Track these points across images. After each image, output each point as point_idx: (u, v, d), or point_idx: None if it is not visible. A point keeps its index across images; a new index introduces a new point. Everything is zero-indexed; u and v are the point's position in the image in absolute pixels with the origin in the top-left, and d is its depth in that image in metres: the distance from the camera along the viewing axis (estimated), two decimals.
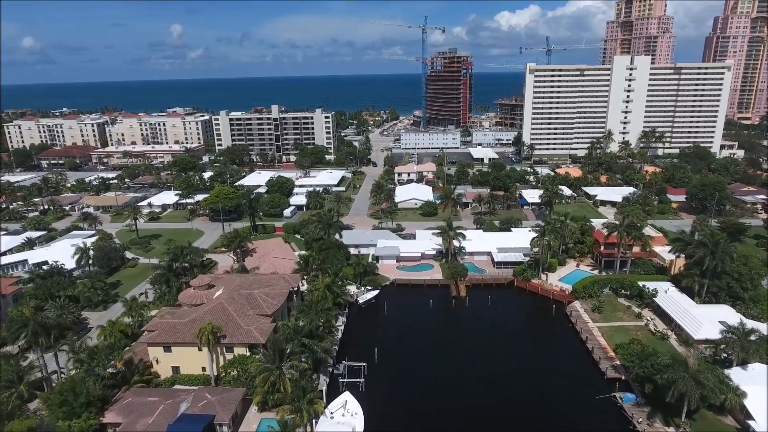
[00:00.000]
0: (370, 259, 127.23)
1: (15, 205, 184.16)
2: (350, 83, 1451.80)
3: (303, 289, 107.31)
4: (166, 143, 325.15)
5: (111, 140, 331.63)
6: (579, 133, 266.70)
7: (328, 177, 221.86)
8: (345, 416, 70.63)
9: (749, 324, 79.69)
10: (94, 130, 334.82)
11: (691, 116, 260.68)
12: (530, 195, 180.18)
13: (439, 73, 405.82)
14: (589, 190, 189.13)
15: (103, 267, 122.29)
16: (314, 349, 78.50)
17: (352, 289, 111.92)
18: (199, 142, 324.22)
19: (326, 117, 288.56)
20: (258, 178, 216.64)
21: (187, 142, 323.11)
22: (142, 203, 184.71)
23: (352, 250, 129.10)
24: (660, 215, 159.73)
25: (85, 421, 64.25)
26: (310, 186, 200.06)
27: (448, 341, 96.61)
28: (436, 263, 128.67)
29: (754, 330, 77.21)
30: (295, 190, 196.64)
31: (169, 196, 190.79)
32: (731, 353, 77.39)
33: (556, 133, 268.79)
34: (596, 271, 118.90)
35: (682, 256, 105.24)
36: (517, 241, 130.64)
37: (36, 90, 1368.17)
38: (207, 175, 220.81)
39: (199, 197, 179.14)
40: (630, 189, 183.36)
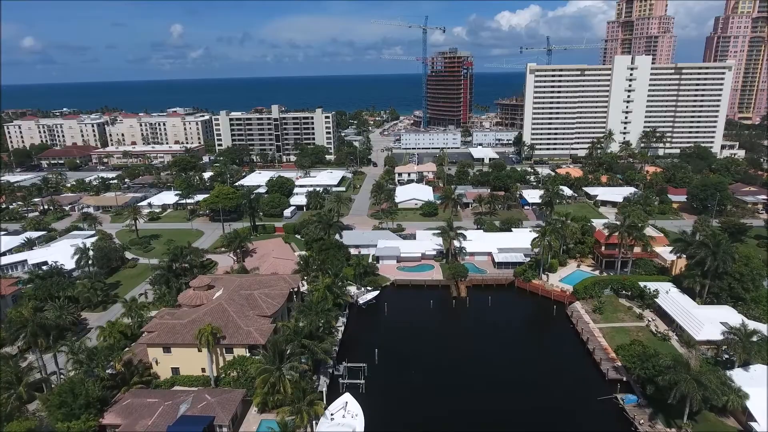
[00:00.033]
0: (371, 259, 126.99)
1: (15, 205, 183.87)
2: (351, 83, 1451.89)
3: (303, 290, 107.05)
4: (166, 143, 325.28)
5: (111, 140, 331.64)
6: (579, 133, 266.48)
7: (328, 177, 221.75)
8: (345, 417, 70.40)
9: (751, 325, 79.34)
10: (94, 130, 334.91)
11: (692, 116, 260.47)
12: (531, 195, 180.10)
13: (440, 73, 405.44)
14: (590, 191, 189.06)
15: (103, 267, 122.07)
16: (314, 350, 78.20)
17: (352, 290, 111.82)
18: (200, 142, 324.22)
19: (326, 117, 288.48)
20: (258, 179, 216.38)
21: (187, 142, 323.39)
22: (142, 203, 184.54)
23: (353, 251, 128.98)
24: (661, 215, 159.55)
25: (85, 422, 64.00)
26: (311, 186, 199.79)
27: (448, 342, 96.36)
28: (437, 264, 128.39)
29: (756, 331, 76.86)
30: (295, 190, 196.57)
31: (169, 197, 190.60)
32: (733, 354, 77.04)
33: (556, 133, 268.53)
34: (597, 272, 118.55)
35: (683, 256, 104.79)
36: (517, 242, 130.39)
37: (36, 90, 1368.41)
38: (207, 175, 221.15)
39: (199, 197, 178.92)
40: (631, 189, 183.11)
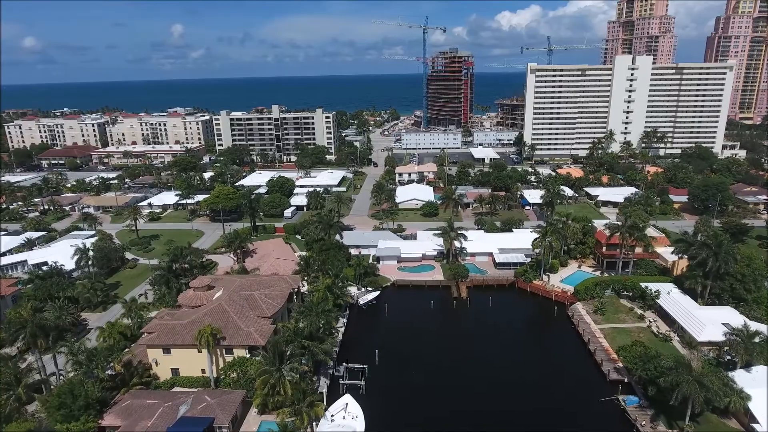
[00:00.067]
0: (371, 259, 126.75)
1: (15, 205, 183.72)
2: (351, 83, 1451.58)
3: (303, 290, 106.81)
4: (167, 143, 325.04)
5: (111, 140, 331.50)
6: (580, 133, 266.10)
7: (328, 177, 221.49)
8: (345, 419, 70.18)
9: (753, 326, 79.00)
10: (94, 130, 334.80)
11: (693, 116, 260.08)
12: (531, 195, 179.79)
13: (440, 73, 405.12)
14: (591, 191, 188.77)
15: (103, 268, 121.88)
16: (314, 351, 77.93)
17: (352, 291, 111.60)
18: (200, 143, 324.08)
19: (327, 117, 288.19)
20: (258, 179, 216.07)
21: (187, 143, 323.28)
22: (142, 203, 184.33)
23: (353, 251, 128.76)
24: (662, 216, 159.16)
25: (84, 423, 63.77)
26: (311, 186, 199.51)
27: (449, 343, 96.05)
28: (437, 264, 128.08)
29: (758, 332, 76.64)
30: (296, 190, 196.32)
31: (170, 197, 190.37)
32: (735, 355, 76.76)
33: (557, 133, 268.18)
34: (598, 272, 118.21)
35: (684, 257, 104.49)
36: (518, 242, 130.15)
37: (37, 90, 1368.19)
38: (207, 175, 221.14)
39: (200, 197, 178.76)
40: (632, 189, 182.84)
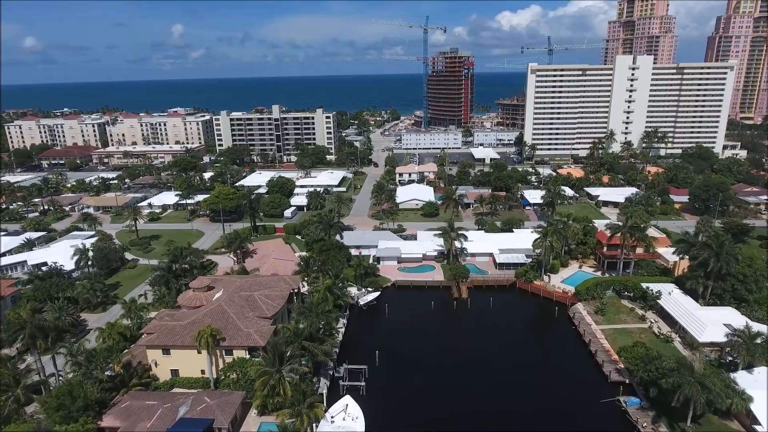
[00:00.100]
0: (371, 260, 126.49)
1: (15, 205, 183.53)
2: (351, 83, 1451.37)
3: (303, 291, 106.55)
4: (167, 143, 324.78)
5: (111, 140, 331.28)
6: (581, 133, 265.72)
7: (328, 177, 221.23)
8: (346, 420, 69.93)
9: (755, 327, 78.66)
10: (94, 130, 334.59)
11: (694, 116, 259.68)
12: (532, 195, 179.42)
13: (441, 73, 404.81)
14: (592, 191, 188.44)
15: (103, 268, 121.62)
16: (314, 352, 77.66)
17: (353, 291, 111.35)
18: (200, 143, 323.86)
19: (327, 117, 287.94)
20: (258, 179, 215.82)
21: (187, 143, 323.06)
22: (142, 204, 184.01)
23: (353, 251, 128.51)
24: (663, 216, 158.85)
25: (83, 425, 63.47)
26: (311, 186, 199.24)
27: (449, 344, 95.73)
28: (438, 264, 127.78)
29: (759, 333, 76.34)
30: (296, 190, 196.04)
31: (170, 197, 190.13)
32: (737, 356, 76.42)
33: (557, 133, 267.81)
34: (599, 273, 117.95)
35: (686, 257, 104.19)
36: (519, 242, 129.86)
37: (37, 90, 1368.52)
38: (207, 175, 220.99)
39: (200, 198, 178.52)
40: (632, 189, 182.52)
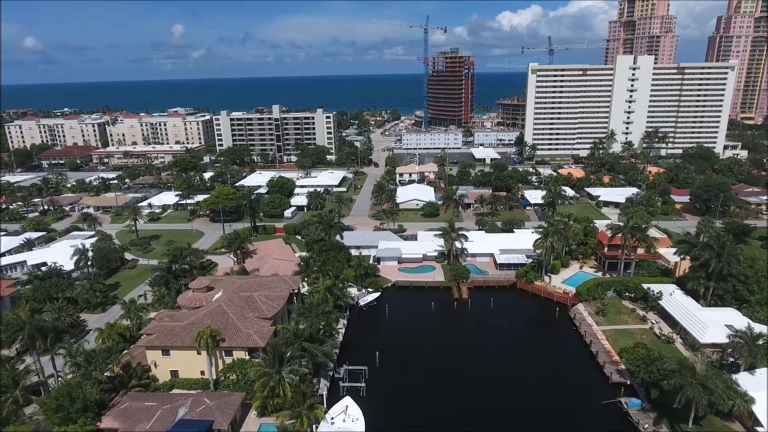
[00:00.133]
0: (372, 260, 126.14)
1: (15, 205, 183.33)
2: (352, 83, 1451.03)
3: (303, 292, 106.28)
4: (167, 143, 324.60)
5: (112, 140, 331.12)
6: (581, 133, 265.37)
7: (329, 177, 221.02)
8: (346, 422, 69.65)
9: (756, 328, 78.35)
10: (94, 130, 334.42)
11: (695, 116, 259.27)
12: (533, 196, 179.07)
13: (441, 73, 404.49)
14: (592, 191, 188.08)
15: (102, 268, 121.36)
16: (314, 353, 77.39)
17: (353, 292, 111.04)
18: (200, 143, 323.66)
19: (327, 117, 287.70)
20: (259, 179, 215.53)
21: (187, 143, 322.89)
22: (142, 204, 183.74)
23: (353, 252, 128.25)
24: (663, 216, 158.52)
25: (82, 426, 63.04)
26: (311, 186, 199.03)
27: (450, 344, 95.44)
28: (438, 265, 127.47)
29: (761, 334, 75.93)
30: (296, 190, 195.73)
31: (170, 197, 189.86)
32: (738, 357, 76.10)
33: (558, 134, 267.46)
34: (600, 273, 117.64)
35: (687, 258, 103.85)
36: (519, 243, 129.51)
37: (37, 90, 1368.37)
38: (207, 175, 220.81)
39: (200, 198, 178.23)
40: (633, 190, 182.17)
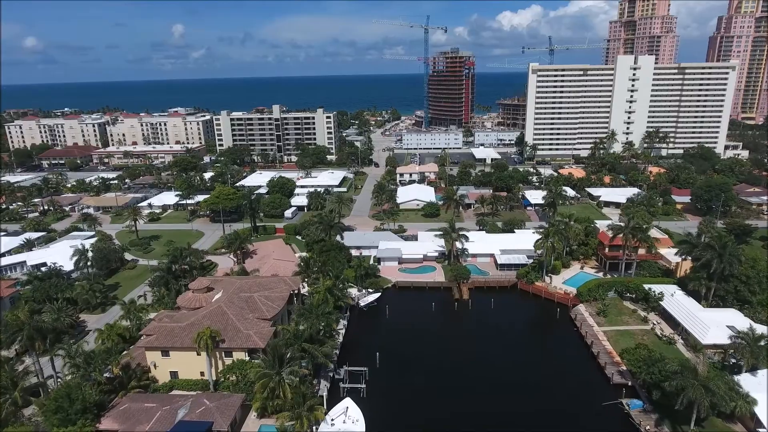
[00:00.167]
0: (372, 260, 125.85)
1: (15, 205, 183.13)
2: (352, 83, 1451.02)
3: (303, 292, 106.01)
4: (167, 143, 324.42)
5: (112, 140, 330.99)
6: (582, 133, 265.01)
7: (329, 177, 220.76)
8: (346, 423, 69.39)
9: (758, 329, 78.08)
10: (95, 130, 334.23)
11: (695, 116, 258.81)
12: (533, 196, 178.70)
13: (441, 73, 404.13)
14: (593, 191, 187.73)
15: (102, 269, 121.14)
16: (314, 354, 77.13)
17: (353, 292, 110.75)
18: (200, 143, 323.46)
19: (328, 117, 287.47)
20: (259, 179, 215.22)
21: (188, 143, 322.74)
22: (142, 204, 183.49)
23: (354, 252, 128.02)
24: (664, 216, 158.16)
25: (81, 427, 62.85)
26: (312, 187, 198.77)
27: (450, 345, 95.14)
28: (439, 265, 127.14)
29: (763, 335, 75.61)
30: (296, 190, 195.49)
31: (170, 197, 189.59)
32: (740, 359, 75.80)
33: (559, 134, 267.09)
34: (601, 274, 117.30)
35: (688, 258, 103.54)
36: (520, 243, 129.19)
37: (37, 90, 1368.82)
38: (208, 175, 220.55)
39: (200, 198, 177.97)
40: (634, 190, 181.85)
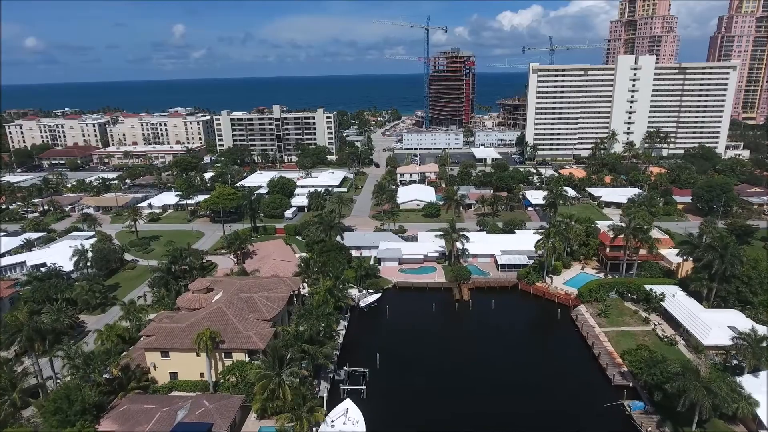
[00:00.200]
0: (372, 261, 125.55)
1: (15, 205, 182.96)
2: (352, 83, 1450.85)
3: (304, 293, 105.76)
4: (168, 143, 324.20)
5: (112, 140, 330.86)
6: (583, 133, 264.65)
7: (329, 178, 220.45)
8: (346, 424, 69.12)
9: (760, 330, 77.77)
10: (95, 130, 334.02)
11: (696, 116, 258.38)
12: (534, 196, 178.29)
13: (442, 73, 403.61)
14: (594, 191, 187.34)
15: (102, 269, 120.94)
16: (315, 355, 76.86)
17: (353, 293, 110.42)
18: (201, 143, 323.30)
19: (328, 117, 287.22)
20: (259, 179, 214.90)
21: (188, 143, 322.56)
22: (142, 204, 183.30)
23: (354, 252, 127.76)
24: (665, 217, 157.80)
25: (80, 429, 62.46)
26: (312, 187, 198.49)
27: (451, 346, 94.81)
28: (439, 266, 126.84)
29: (765, 336, 75.27)
30: (297, 190, 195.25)
31: (170, 197, 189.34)
32: (742, 360, 75.46)
33: (559, 134, 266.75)
34: (602, 275, 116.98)
35: (689, 259, 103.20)
36: (520, 243, 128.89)
37: (38, 90, 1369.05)
38: (208, 175, 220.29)
39: (200, 198, 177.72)
40: (635, 190, 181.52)
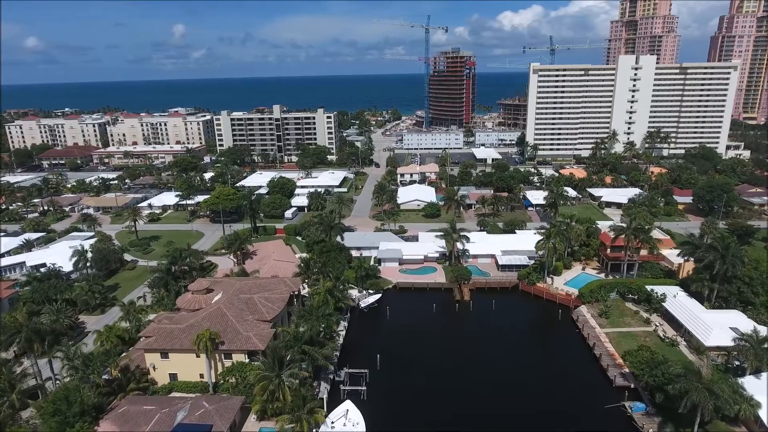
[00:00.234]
0: (372, 261, 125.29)
1: (15, 206, 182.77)
2: (352, 83, 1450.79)
3: (304, 293, 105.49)
4: (168, 143, 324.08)
5: (112, 140, 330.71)
6: (583, 133, 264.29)
7: (329, 178, 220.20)
8: (346, 426, 68.86)
9: (762, 331, 77.46)
10: (95, 130, 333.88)
11: (697, 116, 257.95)
12: (534, 196, 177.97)
13: (442, 73, 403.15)
14: (594, 192, 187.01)
15: (102, 269, 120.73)
16: (315, 356, 76.58)
17: (353, 293, 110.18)
18: (201, 143, 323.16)
19: (328, 117, 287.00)
20: (259, 179, 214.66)
21: (188, 143, 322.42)
22: (142, 204, 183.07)
23: (354, 253, 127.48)
24: (666, 217, 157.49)
25: (79, 431, 62.36)
26: (312, 187, 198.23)
27: (451, 346, 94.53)
28: (440, 266, 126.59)
29: (767, 337, 74.96)
30: (297, 191, 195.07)
31: (170, 197, 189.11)
32: (744, 361, 75.19)
33: (560, 134, 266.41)
34: (603, 275, 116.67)
35: (690, 259, 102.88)
36: (521, 244, 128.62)
37: (38, 90, 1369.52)
38: (208, 175, 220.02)
39: (200, 198, 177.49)
40: (636, 190, 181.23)
